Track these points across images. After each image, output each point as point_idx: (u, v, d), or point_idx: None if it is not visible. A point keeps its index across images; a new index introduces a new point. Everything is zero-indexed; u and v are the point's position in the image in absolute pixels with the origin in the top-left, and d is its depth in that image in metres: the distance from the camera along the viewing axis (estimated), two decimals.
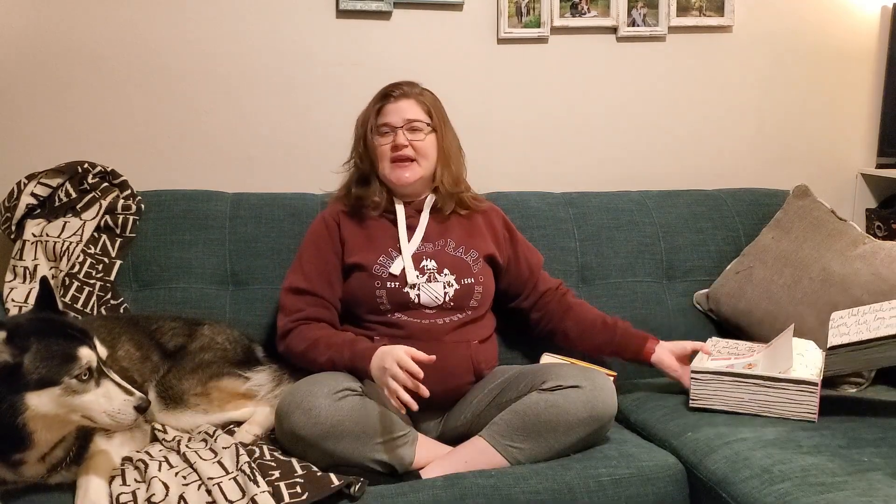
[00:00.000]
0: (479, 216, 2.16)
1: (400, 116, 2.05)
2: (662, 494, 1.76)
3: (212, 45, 2.46)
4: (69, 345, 1.54)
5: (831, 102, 2.86)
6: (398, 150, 2.03)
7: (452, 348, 1.97)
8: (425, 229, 2.08)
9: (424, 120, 2.06)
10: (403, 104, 2.06)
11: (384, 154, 2.05)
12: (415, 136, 2.05)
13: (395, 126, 2.04)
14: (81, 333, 1.59)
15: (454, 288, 2.01)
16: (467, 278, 2.03)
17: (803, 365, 1.96)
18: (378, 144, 2.06)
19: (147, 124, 2.45)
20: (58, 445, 1.61)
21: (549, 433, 1.79)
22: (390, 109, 2.07)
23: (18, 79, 2.37)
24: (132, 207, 2.27)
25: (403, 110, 2.06)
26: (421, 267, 2.01)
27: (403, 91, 2.08)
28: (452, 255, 2.06)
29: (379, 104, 2.09)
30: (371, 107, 2.11)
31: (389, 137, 2.05)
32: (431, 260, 2.03)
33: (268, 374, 2.01)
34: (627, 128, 2.73)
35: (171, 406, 1.89)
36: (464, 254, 2.07)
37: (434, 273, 2.01)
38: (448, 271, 2.02)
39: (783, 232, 2.39)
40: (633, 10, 2.67)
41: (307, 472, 1.68)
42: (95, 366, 1.56)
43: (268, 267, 2.27)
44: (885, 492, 1.53)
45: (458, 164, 2.14)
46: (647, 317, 2.37)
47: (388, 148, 2.05)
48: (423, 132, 2.06)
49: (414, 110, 2.06)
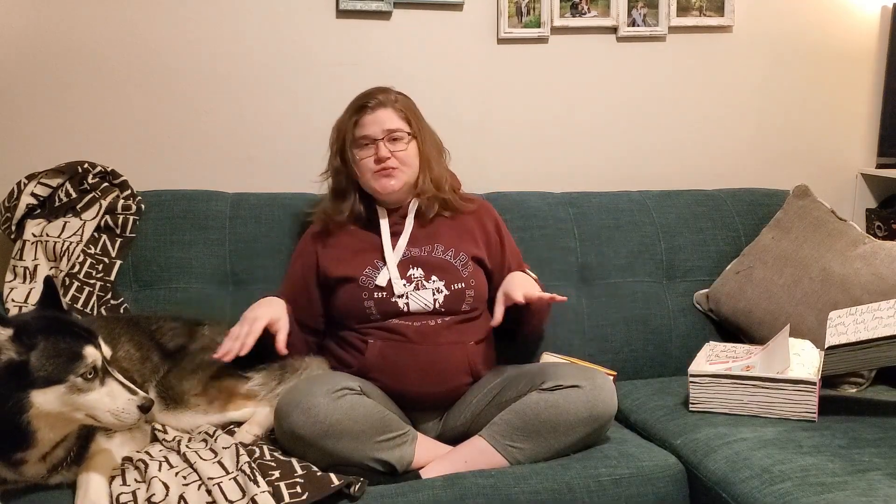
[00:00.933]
0: (468, 217, 2.12)
1: (379, 127, 2.01)
2: (662, 494, 1.76)
3: (212, 45, 2.46)
4: (75, 343, 1.55)
5: (831, 102, 2.86)
6: (381, 161, 2.00)
7: (448, 350, 1.97)
8: (410, 234, 2.05)
9: (404, 129, 2.03)
10: (381, 114, 2.02)
11: (366, 167, 2.03)
12: (396, 147, 2.02)
13: (375, 138, 2.01)
14: (87, 332, 1.59)
15: (444, 294, 1.99)
16: (457, 283, 2.01)
17: (800, 364, 1.96)
18: (359, 158, 2.03)
19: (147, 124, 2.45)
20: (59, 445, 1.61)
21: (550, 433, 1.79)
22: (368, 121, 2.03)
23: (18, 79, 2.37)
24: (132, 207, 2.26)
25: (382, 121, 2.02)
26: (408, 275, 1.99)
27: (379, 101, 2.04)
28: (440, 260, 2.03)
29: (355, 116, 2.04)
30: (346, 119, 2.06)
31: (370, 150, 2.02)
32: (418, 268, 2.01)
33: (268, 373, 2.01)
34: (627, 128, 2.73)
35: (172, 406, 1.89)
36: (452, 257, 2.04)
37: (422, 280, 1.99)
38: (436, 277, 2.00)
39: (783, 232, 2.39)
40: (633, 10, 2.67)
41: (307, 472, 1.68)
42: (100, 365, 1.56)
43: (268, 267, 2.27)
44: (885, 492, 1.53)
45: (440, 165, 2.11)
46: (647, 317, 2.38)
47: (371, 161, 2.01)
48: (403, 141, 2.03)
49: (393, 120, 2.03)
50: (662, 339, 2.38)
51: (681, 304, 2.43)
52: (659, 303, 2.41)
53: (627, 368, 2.33)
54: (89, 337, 1.58)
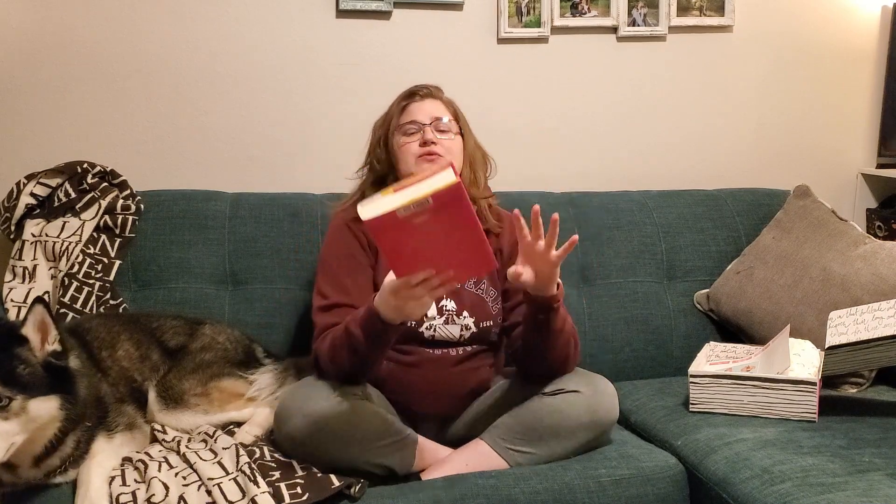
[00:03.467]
0: (500, 238, 1.98)
1: (427, 114, 1.95)
2: (663, 495, 1.76)
3: (212, 44, 2.45)
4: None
5: (831, 102, 2.86)
6: (427, 145, 1.91)
7: (463, 375, 1.92)
8: None
9: (452, 120, 1.98)
10: (430, 104, 1.98)
11: (409, 151, 1.93)
12: (442, 136, 1.94)
13: (422, 123, 1.94)
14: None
15: (471, 331, 1.90)
16: (486, 321, 1.91)
17: (800, 364, 1.96)
18: (403, 143, 1.94)
19: (147, 124, 2.45)
20: (53, 454, 1.61)
21: (551, 437, 1.78)
22: (416, 108, 1.97)
23: (18, 78, 2.37)
24: (132, 207, 2.26)
25: (430, 109, 1.97)
26: (440, 306, 1.89)
27: (430, 91, 2.00)
28: (473, 295, 1.92)
29: (404, 103, 1.99)
30: (395, 106, 2.01)
31: (416, 136, 1.93)
32: (451, 300, 1.89)
33: (269, 375, 2.00)
34: (627, 128, 2.73)
35: (172, 406, 1.88)
36: (484, 292, 1.93)
37: (453, 315, 1.90)
38: (468, 313, 1.90)
39: (784, 232, 2.39)
40: (633, 10, 2.67)
41: (307, 473, 1.68)
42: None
43: (267, 267, 2.27)
44: (885, 492, 1.53)
45: (482, 170, 2.03)
46: (647, 317, 2.38)
47: (416, 145, 1.92)
48: (450, 132, 1.96)
49: (441, 110, 1.98)
50: (663, 339, 2.37)
51: (681, 304, 2.42)
52: (659, 303, 2.41)
53: (628, 368, 2.33)
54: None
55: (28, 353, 1.56)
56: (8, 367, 1.52)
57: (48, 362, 1.58)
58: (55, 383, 1.59)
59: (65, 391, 1.60)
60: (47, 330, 1.59)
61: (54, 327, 1.60)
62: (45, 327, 1.59)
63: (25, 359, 1.55)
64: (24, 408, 1.52)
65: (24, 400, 1.52)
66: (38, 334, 1.58)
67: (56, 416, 1.59)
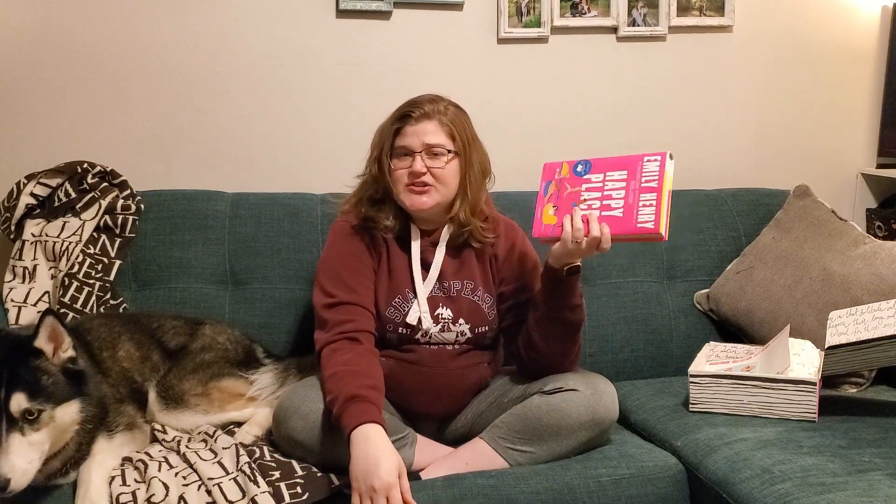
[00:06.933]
0: (494, 246, 1.98)
1: (419, 140, 1.85)
2: (663, 495, 1.76)
3: (212, 44, 2.45)
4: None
5: (831, 102, 2.86)
6: (416, 176, 1.85)
7: (461, 373, 1.93)
8: (441, 267, 1.92)
9: (446, 145, 1.87)
10: (424, 126, 1.86)
11: (400, 179, 1.87)
12: (434, 163, 1.86)
13: (413, 150, 1.86)
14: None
15: (467, 336, 1.92)
16: (482, 326, 1.93)
17: (800, 364, 1.97)
18: (394, 168, 1.88)
19: (147, 124, 2.45)
20: (55, 457, 1.61)
21: (551, 436, 1.78)
22: (409, 132, 1.87)
23: (18, 78, 2.37)
24: (132, 207, 2.26)
25: (423, 133, 1.86)
26: (436, 315, 1.90)
27: (425, 111, 1.87)
28: (469, 301, 1.92)
29: (397, 125, 1.89)
30: (388, 127, 1.91)
31: (406, 161, 1.86)
32: (447, 308, 1.91)
33: (269, 375, 2.00)
34: (628, 128, 2.73)
35: (172, 406, 1.88)
36: (480, 299, 1.94)
37: (449, 323, 1.90)
38: (463, 321, 1.91)
39: (783, 232, 2.39)
40: (633, 10, 2.67)
41: (307, 473, 1.68)
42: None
43: (267, 267, 2.27)
44: (885, 492, 1.53)
45: (480, 190, 1.96)
46: (647, 317, 2.38)
47: (405, 173, 1.87)
48: (443, 158, 1.86)
49: (435, 134, 1.86)
50: (663, 339, 2.37)
51: (681, 304, 2.42)
52: (659, 303, 2.41)
53: (628, 368, 2.33)
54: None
55: (47, 364, 1.60)
56: (32, 381, 1.56)
57: (66, 368, 1.63)
58: (74, 388, 1.63)
59: (81, 393, 1.64)
60: (60, 339, 1.62)
61: (67, 335, 1.63)
62: (56, 336, 1.62)
63: (46, 369, 1.59)
64: (52, 417, 1.57)
65: (51, 409, 1.56)
66: (50, 344, 1.62)
67: (76, 418, 1.63)
